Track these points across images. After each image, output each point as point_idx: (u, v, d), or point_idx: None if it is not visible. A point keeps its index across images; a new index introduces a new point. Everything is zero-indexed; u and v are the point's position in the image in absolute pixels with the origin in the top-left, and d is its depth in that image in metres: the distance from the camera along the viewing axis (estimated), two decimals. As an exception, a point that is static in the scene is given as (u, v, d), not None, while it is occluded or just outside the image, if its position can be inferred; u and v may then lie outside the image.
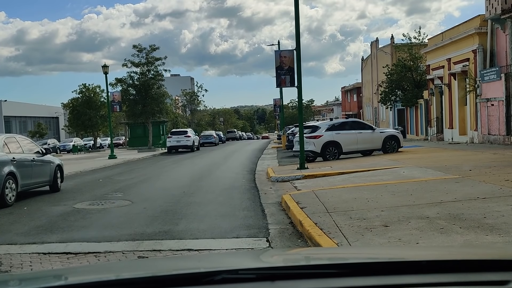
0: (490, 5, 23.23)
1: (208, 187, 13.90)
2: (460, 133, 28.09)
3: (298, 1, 16.53)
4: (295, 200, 9.46)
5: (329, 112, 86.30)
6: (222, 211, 9.74)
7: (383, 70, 40.65)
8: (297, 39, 16.72)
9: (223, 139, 58.70)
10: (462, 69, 26.63)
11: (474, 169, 12.61)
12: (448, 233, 6.20)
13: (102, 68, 32.57)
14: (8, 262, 6.51)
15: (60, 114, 65.01)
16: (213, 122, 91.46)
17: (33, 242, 7.55)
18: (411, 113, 39.40)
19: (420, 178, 11.80)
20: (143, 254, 6.67)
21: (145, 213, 9.75)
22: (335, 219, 7.45)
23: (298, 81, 17.05)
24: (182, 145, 36.64)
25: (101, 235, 7.83)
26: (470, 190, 9.29)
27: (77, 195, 12.97)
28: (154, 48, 42.47)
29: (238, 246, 6.88)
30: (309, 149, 19.41)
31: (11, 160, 11.74)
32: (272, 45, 60.32)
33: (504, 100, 22.68)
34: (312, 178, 14.08)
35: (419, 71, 37.03)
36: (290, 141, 29.37)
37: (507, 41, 22.96)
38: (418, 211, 7.61)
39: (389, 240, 6.09)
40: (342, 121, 24.88)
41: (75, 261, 6.45)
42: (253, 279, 1.60)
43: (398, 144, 21.44)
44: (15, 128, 56.54)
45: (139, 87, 42.00)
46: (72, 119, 52.51)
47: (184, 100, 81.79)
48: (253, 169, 19.50)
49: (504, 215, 6.95)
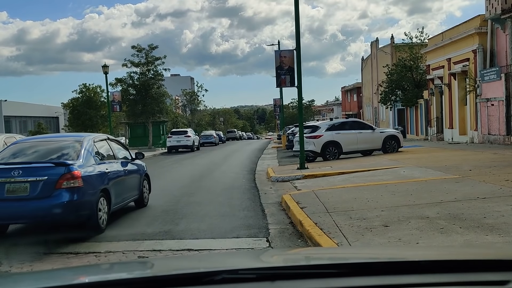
0: (490, 5, 23.22)
1: (208, 187, 13.90)
2: (460, 133, 28.09)
3: (298, 1, 16.53)
4: (295, 200, 9.46)
5: (329, 112, 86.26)
6: (222, 211, 9.74)
7: (383, 70, 40.65)
8: (297, 39, 16.72)
9: (223, 139, 58.65)
10: (462, 69, 26.63)
11: (474, 169, 12.61)
12: (448, 233, 6.20)
13: (102, 68, 32.58)
14: (8, 262, 6.52)
15: (60, 114, 64.96)
16: (213, 122, 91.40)
17: (33, 242, 7.54)
18: (411, 113, 39.40)
19: (420, 178, 11.80)
20: (143, 254, 6.68)
21: (145, 213, 9.76)
22: (335, 219, 7.45)
23: (298, 81, 17.06)
24: (182, 145, 36.65)
25: (101, 235, 7.82)
26: (470, 190, 9.29)
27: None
28: (153, 47, 42.48)
29: (238, 246, 6.89)
30: (309, 149, 19.41)
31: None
32: (272, 45, 60.30)
33: (504, 100, 22.67)
34: (312, 178, 14.08)
35: (419, 71, 37.02)
36: (290, 141, 29.36)
37: (507, 41, 22.96)
38: (418, 211, 7.61)
39: (389, 240, 6.09)
40: (342, 121, 24.88)
41: (75, 261, 6.45)
42: (253, 279, 1.61)
43: (398, 144, 21.43)
44: (15, 128, 56.50)
45: (139, 87, 42.01)
46: (72, 119, 52.52)
47: (184, 100, 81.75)
48: (253, 169, 19.50)
49: (504, 215, 6.95)
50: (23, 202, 7.38)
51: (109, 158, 9.13)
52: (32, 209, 7.39)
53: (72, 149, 8.30)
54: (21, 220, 7.93)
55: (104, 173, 8.39)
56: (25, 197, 7.38)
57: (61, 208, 7.38)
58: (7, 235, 8.22)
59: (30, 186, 7.38)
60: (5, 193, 7.37)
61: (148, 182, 10.89)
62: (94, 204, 7.78)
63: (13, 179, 7.41)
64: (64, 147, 8.47)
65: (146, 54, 42.20)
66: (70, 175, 7.48)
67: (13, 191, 7.40)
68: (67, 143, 8.63)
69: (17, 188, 7.40)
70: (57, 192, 7.39)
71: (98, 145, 8.93)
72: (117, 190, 8.80)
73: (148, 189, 10.88)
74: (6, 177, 7.43)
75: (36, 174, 7.47)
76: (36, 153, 8.35)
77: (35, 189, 7.37)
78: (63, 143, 8.71)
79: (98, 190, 7.99)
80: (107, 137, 9.95)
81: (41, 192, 7.36)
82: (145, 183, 10.63)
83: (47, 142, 9.09)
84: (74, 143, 8.55)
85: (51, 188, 7.39)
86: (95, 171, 8.13)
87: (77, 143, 8.51)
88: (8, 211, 7.44)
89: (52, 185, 7.39)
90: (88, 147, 8.46)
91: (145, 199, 10.55)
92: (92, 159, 8.33)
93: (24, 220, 7.90)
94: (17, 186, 7.41)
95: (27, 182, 7.41)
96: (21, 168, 7.52)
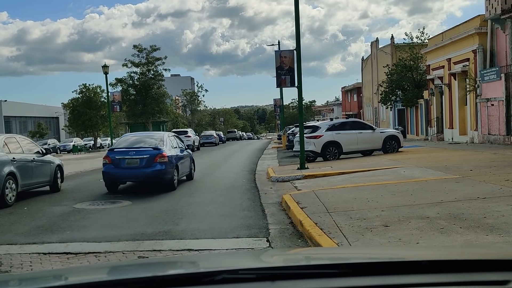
0: (490, 5, 23.22)
1: (208, 187, 13.90)
2: (460, 133, 28.09)
3: (298, 1, 16.53)
4: (295, 200, 9.46)
5: (329, 112, 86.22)
6: (222, 211, 9.74)
7: (383, 70, 40.66)
8: (297, 39, 16.72)
9: (223, 139, 58.63)
10: (462, 69, 26.63)
11: (474, 169, 12.61)
12: (448, 233, 6.20)
13: (102, 68, 32.60)
14: (8, 262, 6.51)
15: (60, 114, 65.01)
16: (213, 122, 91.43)
17: (33, 242, 7.55)
18: (411, 113, 39.40)
19: (420, 178, 11.80)
20: (143, 254, 6.68)
21: (145, 213, 9.76)
22: (335, 219, 7.45)
23: (298, 81, 17.06)
24: (182, 145, 36.44)
25: (101, 235, 7.83)
26: (470, 190, 9.29)
27: (77, 195, 12.96)
28: (155, 49, 42.50)
29: (238, 246, 6.89)
30: (310, 149, 19.42)
31: (11, 160, 11.72)
32: (272, 45, 60.33)
33: (504, 100, 22.68)
34: (312, 178, 14.08)
35: (420, 71, 37.03)
36: (290, 141, 29.37)
37: (507, 41, 22.96)
38: (418, 211, 7.61)
39: (389, 240, 6.09)
40: (342, 121, 24.88)
41: (75, 261, 6.45)
42: (253, 279, 1.60)
43: (398, 144, 21.44)
44: (15, 128, 56.52)
45: (139, 87, 42.07)
46: (72, 119, 52.54)
47: (184, 100, 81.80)
48: (254, 169, 19.50)
49: (504, 215, 6.95)
50: (135, 170, 12.75)
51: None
52: (141, 173, 12.74)
53: (159, 140, 13.58)
54: (134, 180, 13.27)
55: (176, 155, 13.50)
56: (137, 166, 12.72)
57: (157, 173, 12.65)
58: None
59: (139, 161, 12.71)
60: (125, 164, 12.78)
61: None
62: (173, 173, 13.16)
63: (130, 157, 12.76)
64: (154, 139, 13.79)
65: (146, 54, 42.24)
66: (161, 155, 12.73)
67: (129, 164, 12.76)
68: (155, 137, 14.14)
69: (132, 162, 12.76)
70: (155, 164, 12.63)
71: (171, 139, 13.98)
72: (182, 167, 13.96)
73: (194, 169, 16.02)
74: (126, 155, 12.81)
75: (143, 154, 12.74)
76: (139, 142, 13.55)
77: (142, 162, 12.68)
78: (153, 137, 14.26)
79: (174, 165, 13.10)
80: (174, 134, 15.73)
81: (146, 164, 12.64)
82: (192, 165, 15.79)
83: (143, 136, 14.74)
84: (159, 137, 14.12)
85: (151, 162, 12.64)
86: (172, 153, 13.33)
87: (160, 137, 14.05)
88: (127, 175, 12.98)
89: (152, 160, 12.64)
90: (166, 140, 13.72)
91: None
92: (169, 146, 13.57)
93: (136, 179, 13.21)
94: (132, 161, 12.77)
95: (138, 158, 12.72)
96: (134, 150, 12.91)
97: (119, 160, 12.79)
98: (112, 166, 12.86)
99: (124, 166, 12.70)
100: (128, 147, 13.19)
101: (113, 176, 12.97)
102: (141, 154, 12.69)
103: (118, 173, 12.85)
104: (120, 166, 12.74)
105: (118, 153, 13.00)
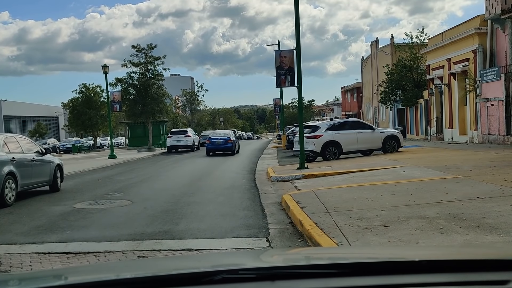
0: (490, 5, 23.22)
1: (208, 186, 13.91)
2: (460, 133, 28.10)
3: (298, 1, 16.53)
4: (295, 199, 9.46)
5: (329, 112, 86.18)
6: (222, 210, 9.74)
7: (383, 70, 40.66)
8: (297, 39, 16.72)
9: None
10: (462, 69, 26.63)
11: (474, 169, 12.61)
12: (448, 233, 6.20)
13: (102, 68, 32.58)
14: (8, 262, 6.51)
15: (60, 113, 64.97)
16: (213, 122, 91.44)
17: (33, 242, 7.54)
18: (411, 113, 39.40)
19: (420, 178, 11.80)
20: (143, 254, 6.67)
21: (145, 213, 9.76)
22: (335, 218, 7.45)
23: (298, 81, 17.06)
24: (182, 145, 36.67)
25: (101, 235, 7.83)
26: (470, 190, 9.29)
27: (77, 195, 12.97)
28: (152, 47, 42.47)
29: (238, 246, 6.89)
30: (309, 149, 19.42)
31: (11, 160, 11.78)
32: (272, 45, 60.29)
33: (504, 100, 22.68)
34: (312, 177, 14.08)
35: (419, 71, 37.02)
36: (290, 141, 29.40)
37: (507, 41, 22.96)
38: (418, 211, 7.61)
39: (389, 240, 6.09)
40: (342, 121, 24.90)
41: (75, 261, 6.45)
42: (253, 279, 1.60)
43: (398, 144, 21.44)
44: (15, 128, 56.50)
45: (139, 87, 42.01)
46: (72, 119, 52.52)
47: (184, 100, 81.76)
48: (253, 168, 19.51)
49: (504, 215, 6.95)
50: (219, 145, 30.73)
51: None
52: (222, 147, 30.65)
53: (230, 134, 32.26)
54: (218, 151, 30.74)
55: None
56: (221, 143, 30.75)
57: (230, 148, 30.65)
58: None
59: (222, 141, 30.78)
60: (216, 143, 30.80)
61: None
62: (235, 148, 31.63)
63: (218, 140, 30.98)
64: (228, 133, 32.41)
65: (145, 54, 42.20)
66: (231, 140, 31.01)
67: (217, 143, 30.85)
68: (228, 132, 33.17)
69: (218, 141, 30.87)
70: (228, 143, 30.60)
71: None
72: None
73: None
74: (216, 139, 31.13)
75: (223, 139, 30.92)
76: (220, 134, 32.72)
77: (223, 142, 30.67)
78: (227, 132, 33.12)
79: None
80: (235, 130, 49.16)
81: (224, 143, 30.64)
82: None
83: (222, 132, 34.72)
84: (230, 132, 33.40)
85: (226, 142, 30.64)
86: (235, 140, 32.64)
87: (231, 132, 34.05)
88: (216, 148, 30.87)
89: (226, 141, 30.69)
90: (233, 133, 34.20)
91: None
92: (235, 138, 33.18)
93: (219, 151, 30.72)
94: (219, 141, 30.90)
95: (222, 139, 31.00)
96: (219, 139, 31.07)
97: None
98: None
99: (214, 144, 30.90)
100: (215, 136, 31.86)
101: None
102: (222, 139, 30.91)
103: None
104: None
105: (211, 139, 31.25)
